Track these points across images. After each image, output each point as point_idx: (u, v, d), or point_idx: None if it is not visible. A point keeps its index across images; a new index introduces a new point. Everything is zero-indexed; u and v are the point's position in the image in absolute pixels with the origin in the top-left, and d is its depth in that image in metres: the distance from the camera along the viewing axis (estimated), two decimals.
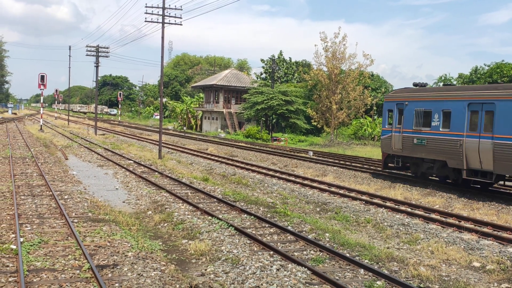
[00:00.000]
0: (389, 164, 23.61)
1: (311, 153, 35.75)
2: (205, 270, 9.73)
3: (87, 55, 52.46)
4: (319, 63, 50.68)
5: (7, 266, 9.25)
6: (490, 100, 18.08)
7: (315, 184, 21.02)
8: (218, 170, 25.06)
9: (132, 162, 26.75)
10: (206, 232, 12.29)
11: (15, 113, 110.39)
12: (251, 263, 9.99)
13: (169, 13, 30.08)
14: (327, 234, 12.43)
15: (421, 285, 9.27)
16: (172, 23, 30.33)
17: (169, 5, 31.35)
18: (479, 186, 20.12)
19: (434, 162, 20.62)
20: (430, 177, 22.00)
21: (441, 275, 9.86)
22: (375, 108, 59.86)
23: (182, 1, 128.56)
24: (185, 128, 69.11)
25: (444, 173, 20.39)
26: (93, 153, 30.98)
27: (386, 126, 23.44)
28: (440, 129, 19.98)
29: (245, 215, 14.25)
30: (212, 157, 30.89)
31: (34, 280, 8.58)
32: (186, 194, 17.60)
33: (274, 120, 58.64)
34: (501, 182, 20.54)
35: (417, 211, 15.95)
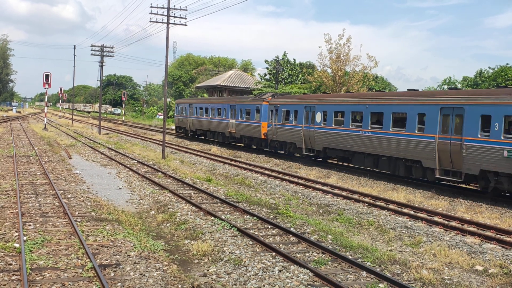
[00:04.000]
0: (178, 131, 50.93)
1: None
2: (208, 270, 9.74)
3: (91, 54, 52.22)
4: (323, 64, 50.45)
5: (10, 264, 9.29)
6: (235, 105, 38.13)
7: (318, 186, 21.01)
8: (221, 170, 25.07)
9: (136, 161, 26.80)
10: (208, 232, 12.31)
11: (20, 112, 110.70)
12: (253, 264, 10.00)
13: (174, 14, 30.15)
14: (329, 236, 12.43)
15: None
16: (177, 24, 30.39)
17: (174, 6, 31.41)
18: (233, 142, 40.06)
19: (185, 128, 47.56)
20: (189, 135, 47.82)
21: (444, 278, 9.84)
22: None
23: (187, 1, 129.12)
24: None
25: (185, 133, 48.14)
26: (96, 152, 31.07)
27: (176, 114, 50.91)
28: (186, 115, 46.48)
29: (248, 216, 14.26)
30: (215, 158, 30.90)
31: (37, 278, 8.62)
32: (189, 194, 17.63)
33: None
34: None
35: (420, 214, 15.92)
